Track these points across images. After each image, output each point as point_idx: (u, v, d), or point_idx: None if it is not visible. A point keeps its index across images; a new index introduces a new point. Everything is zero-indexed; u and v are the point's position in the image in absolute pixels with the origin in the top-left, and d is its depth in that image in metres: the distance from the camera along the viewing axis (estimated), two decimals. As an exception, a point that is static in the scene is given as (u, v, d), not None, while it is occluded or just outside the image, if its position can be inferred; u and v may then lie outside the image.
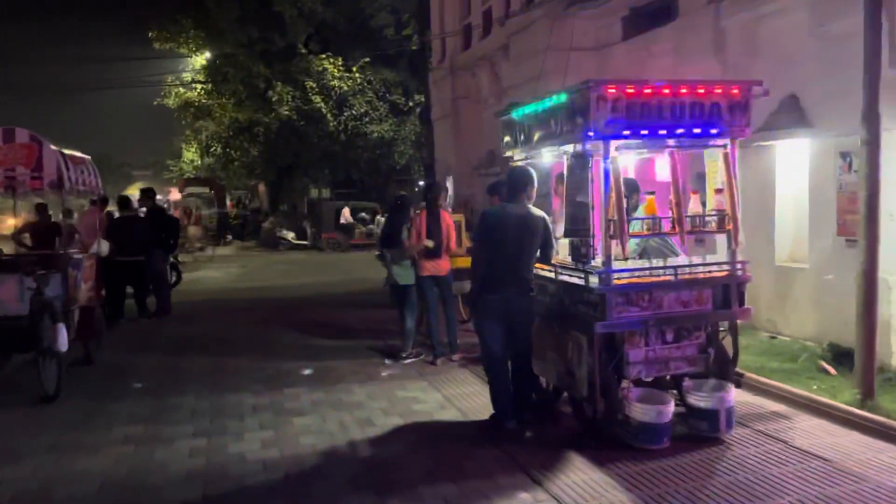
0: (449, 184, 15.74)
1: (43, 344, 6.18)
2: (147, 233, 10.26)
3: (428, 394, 6.31)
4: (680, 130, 4.77)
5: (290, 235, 28.90)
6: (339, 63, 25.44)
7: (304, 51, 24.54)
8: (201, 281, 16.80)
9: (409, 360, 7.46)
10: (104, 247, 8.09)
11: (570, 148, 4.99)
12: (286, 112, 25.56)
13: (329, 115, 25.72)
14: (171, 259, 14.75)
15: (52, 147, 6.80)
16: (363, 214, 28.27)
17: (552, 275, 5.25)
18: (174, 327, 9.89)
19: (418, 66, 19.89)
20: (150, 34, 26.91)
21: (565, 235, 5.08)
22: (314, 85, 25.43)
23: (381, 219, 20.85)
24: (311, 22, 24.82)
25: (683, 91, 4.66)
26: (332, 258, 22.79)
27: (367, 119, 26.60)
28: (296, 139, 27.61)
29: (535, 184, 5.31)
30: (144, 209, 11.09)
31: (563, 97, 4.90)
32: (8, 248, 9.39)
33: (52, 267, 6.80)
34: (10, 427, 5.50)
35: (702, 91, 4.71)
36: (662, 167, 5.70)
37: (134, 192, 39.31)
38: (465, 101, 15.21)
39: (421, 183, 36.31)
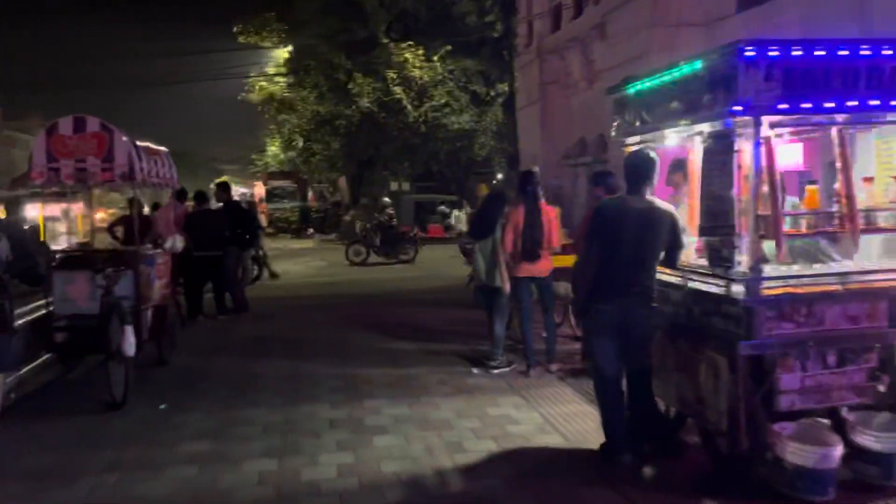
0: (535, 175, 14.89)
1: (111, 346, 5.79)
2: (223, 228, 9.92)
3: (524, 412, 5.55)
4: (852, 103, 3.80)
5: (371, 229, 28.62)
6: (420, 53, 24.89)
7: (385, 40, 24.11)
8: (281, 275, 16.60)
9: (498, 370, 6.72)
10: (179, 242, 7.72)
11: (705, 127, 4.09)
12: (367, 104, 25.25)
13: (409, 107, 25.25)
14: (254, 252, 14.63)
15: (124, 137, 6.42)
16: (443, 207, 27.74)
17: (679, 281, 4.38)
18: (250, 325, 9.51)
19: (501, 53, 19.11)
20: (234, 29, 27.15)
21: (701, 234, 4.19)
22: (395, 76, 25.00)
23: (459, 213, 20.10)
24: (392, 11, 24.36)
25: (865, 51, 3.68)
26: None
27: (447, 110, 25.98)
28: (376, 131, 27.32)
29: (658, 172, 4.46)
30: (221, 203, 10.80)
31: (699, 64, 4.01)
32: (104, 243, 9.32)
33: (124, 264, 6.43)
34: (74, 438, 5.10)
35: (889, 51, 3.72)
36: (789, 152, 4.75)
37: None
38: (552, 86, 14.31)
39: (500, 176, 35.55)
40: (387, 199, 21.73)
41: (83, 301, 6.31)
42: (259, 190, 38.87)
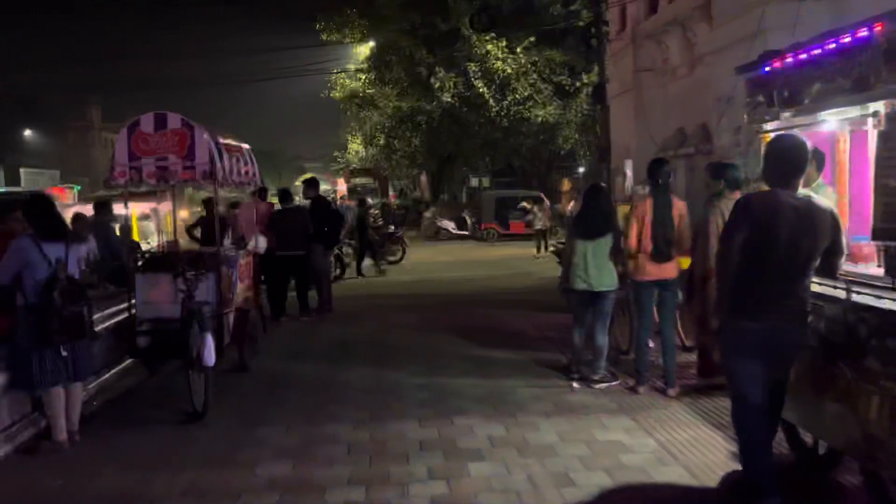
0: (628, 169, 14.03)
1: (191, 354, 5.50)
2: (308, 226, 9.64)
3: (637, 437, 4.89)
4: None
5: (451, 225, 28.31)
6: (503, 44, 24.23)
7: (467, 32, 23.58)
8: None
9: (602, 386, 6.07)
10: (261, 242, 7.44)
11: (880, 107, 3.34)
12: (448, 99, 24.82)
13: (491, 101, 24.64)
14: (336, 251, 14.43)
15: (205, 134, 6.14)
16: (524, 204, 26.99)
17: (837, 293, 3.64)
18: (333, 328, 9.18)
19: (587, 42, 18.21)
20: (317, 26, 27.28)
21: (874, 238, 3.43)
22: (477, 69, 24.45)
23: (536, 210, 19.37)
24: (475, 2, 23.79)
25: None
26: (493, 249, 21.77)
27: (530, 103, 25.21)
28: (457, 127, 26.88)
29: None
30: (308, 201, 10.53)
31: (876, 31, 3.26)
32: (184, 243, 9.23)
33: (205, 266, 6.16)
34: (151, 456, 4.80)
35: None
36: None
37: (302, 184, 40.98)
38: (648, 74, 13.39)
39: (581, 170, 34.44)
40: (370, 200, 21.11)
41: (165, 305, 6.09)
42: (341, 187, 39.30)
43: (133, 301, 6.26)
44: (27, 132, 52.61)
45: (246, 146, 7.23)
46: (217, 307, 6.24)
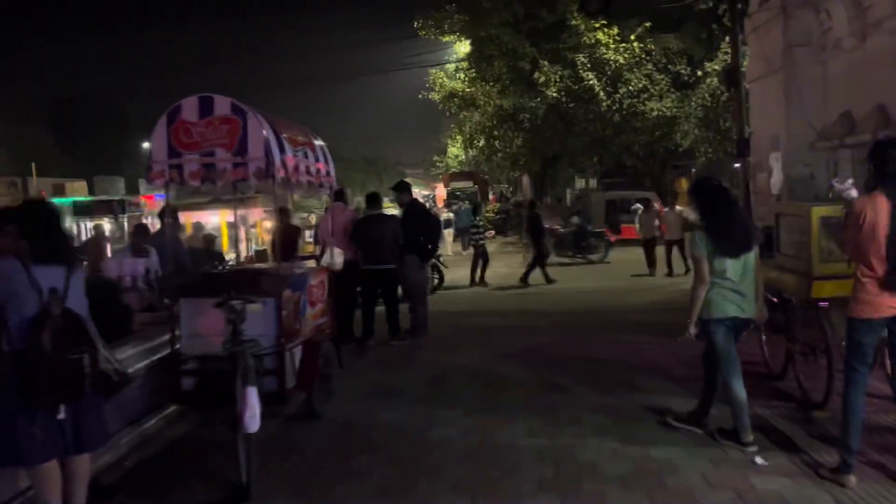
0: (774, 163, 11.81)
1: (234, 410, 4.16)
2: (398, 235, 8.25)
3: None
4: None
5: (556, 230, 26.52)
6: (615, 32, 22.16)
7: (576, 20, 21.71)
8: (461, 284, 14.92)
9: (759, 460, 4.31)
10: (338, 257, 6.07)
11: None
12: (553, 93, 22.99)
13: (602, 94, 22.60)
14: (433, 260, 13.03)
15: (261, 119, 4.81)
16: (638, 205, 24.71)
17: None
18: (429, 355, 7.71)
19: (716, 20, 15.98)
20: (415, 23, 26.21)
21: None
22: (585, 60, 22.49)
23: (642, 212, 16.74)
24: (583, -11, 21.89)
25: None
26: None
27: (644, 95, 22.96)
28: (562, 124, 24.97)
29: None
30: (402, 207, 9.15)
31: None
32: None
33: (260, 290, 4.82)
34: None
35: None
36: None
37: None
38: (802, 49, 11.16)
39: (693, 171, 31.62)
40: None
41: (215, 338, 4.80)
42: (440, 192, 38.23)
43: (177, 333, 5.03)
44: (146, 144, 55.07)
45: (320, 142, 5.87)
46: (277, 342, 4.90)
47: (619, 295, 12.13)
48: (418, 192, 41.50)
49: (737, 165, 32.91)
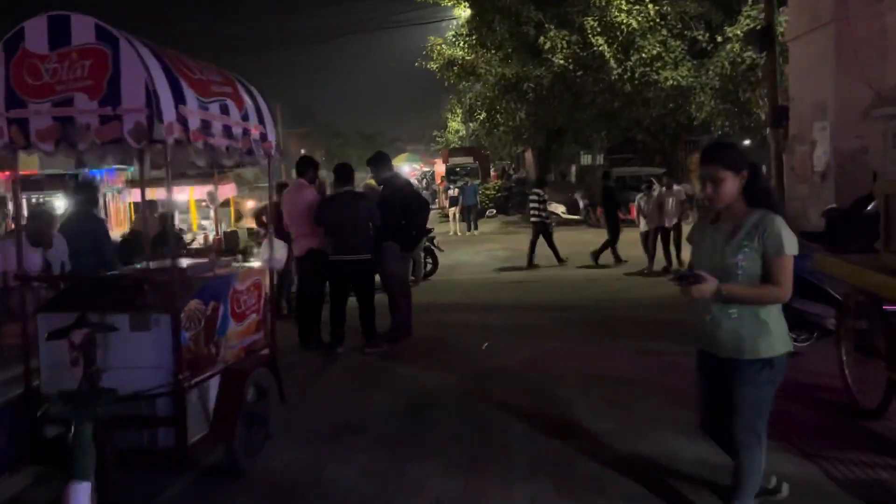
0: (819, 134, 10.19)
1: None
2: (374, 218, 6.71)
3: None
4: None
5: (560, 209, 24.97)
6: (628, -7, 20.39)
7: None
8: (456, 269, 13.39)
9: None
10: (279, 251, 4.50)
11: None
12: (560, 60, 21.24)
13: (612, 61, 20.84)
14: (426, 242, 11.50)
15: (142, 51, 3.24)
16: (652, 182, 23.09)
17: None
18: (408, 370, 6.19)
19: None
20: (410, -14, 24.36)
21: None
22: (595, 24, 20.71)
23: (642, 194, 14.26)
24: (593, -55, 20.12)
25: None
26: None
27: (658, 63, 21.20)
28: (569, 96, 23.21)
29: None
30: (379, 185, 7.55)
31: None
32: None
33: (145, 301, 3.29)
34: None
35: None
36: None
37: (401, 164, 38.46)
38: (858, 1, 9.50)
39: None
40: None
41: (146, 369, 3.35)
42: (439, 168, 36.54)
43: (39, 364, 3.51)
44: None
45: (247, 87, 4.27)
46: (174, 377, 3.38)
47: (634, 283, 10.63)
48: (415, 170, 39.84)
49: (747, 142, 31.25)
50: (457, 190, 22.21)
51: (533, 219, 12.98)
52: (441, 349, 6.82)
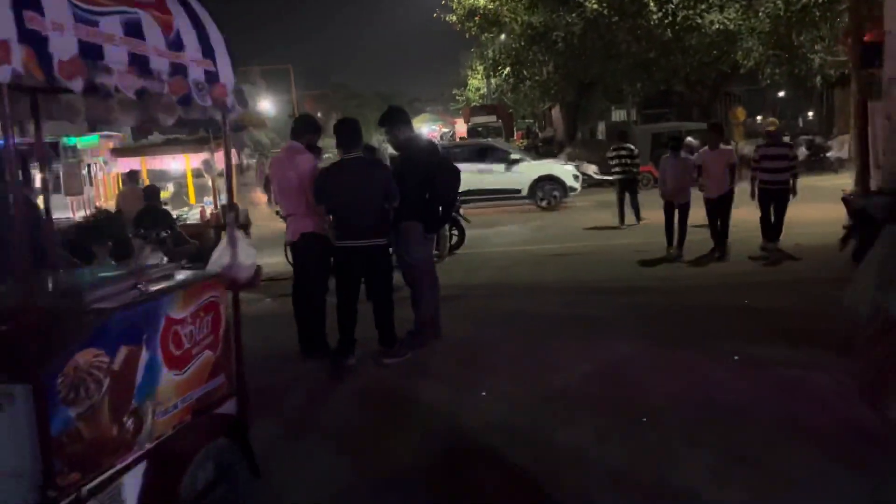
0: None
1: None
2: (391, 193, 5.16)
3: None
4: None
5: (592, 169, 23.05)
6: (670, -74, 18.31)
7: None
8: (486, 240, 11.88)
9: None
10: (245, 255, 2.97)
11: None
12: (594, 5, 19.27)
13: (652, 3, 18.86)
14: (454, 215, 9.97)
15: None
16: (691, 139, 21.07)
17: None
18: (446, 384, 4.72)
19: None
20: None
21: None
22: (633, -39, 18.75)
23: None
24: None
25: None
26: (653, 199, 16.49)
27: (703, 6, 19.18)
28: (601, 45, 21.26)
29: None
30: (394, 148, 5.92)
31: None
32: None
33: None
34: None
35: None
36: None
37: (420, 125, 36.60)
38: None
39: (782, 94, 27.59)
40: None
41: None
42: (460, 128, 34.71)
43: None
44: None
45: (188, 7, 2.71)
46: (43, 485, 1.93)
47: (700, 253, 8.96)
48: (434, 131, 37.94)
49: (778, 96, 28.47)
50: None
51: (620, 176, 12.50)
52: (481, 357, 5.33)
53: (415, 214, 5.37)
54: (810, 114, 34.56)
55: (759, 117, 33.90)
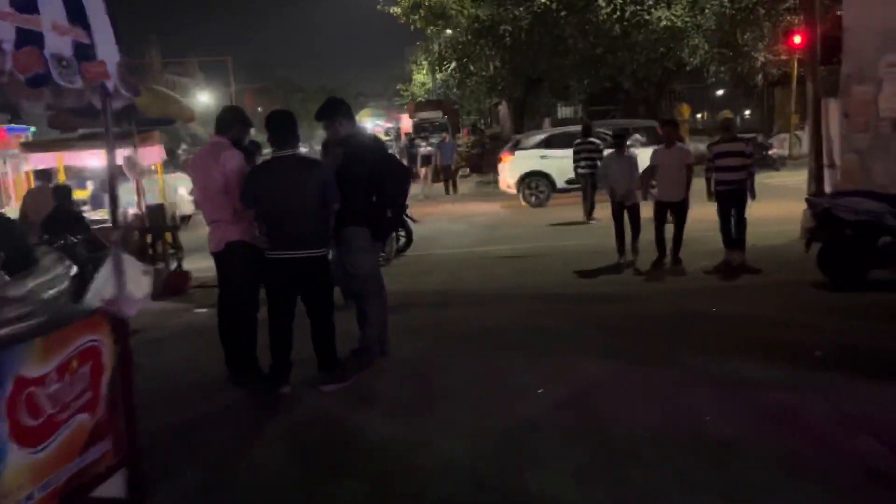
0: (888, 71, 8.17)
1: None
2: (330, 195, 4.51)
3: None
4: None
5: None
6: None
7: None
8: (435, 241, 11.33)
9: None
10: (134, 279, 2.30)
11: None
12: (543, -1, 18.88)
13: (601, -1, 18.60)
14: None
15: None
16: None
17: None
18: (396, 416, 4.11)
19: None
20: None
21: None
22: (582, -45, 18.42)
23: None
24: None
25: None
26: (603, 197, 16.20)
27: (650, 2, 19.02)
28: (550, 40, 20.88)
29: None
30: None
31: None
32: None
33: None
34: None
35: None
36: None
37: (363, 120, 35.63)
38: None
39: (721, 93, 27.70)
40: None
41: None
42: (405, 124, 33.99)
43: None
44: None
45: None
46: None
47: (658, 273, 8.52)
48: (379, 126, 37.04)
49: (718, 94, 28.87)
50: (429, 148, 19.82)
51: (584, 171, 12.36)
52: (435, 380, 4.73)
53: (360, 219, 4.74)
54: (747, 112, 35.16)
55: (698, 115, 34.29)
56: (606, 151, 10.48)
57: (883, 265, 6.85)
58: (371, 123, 35.90)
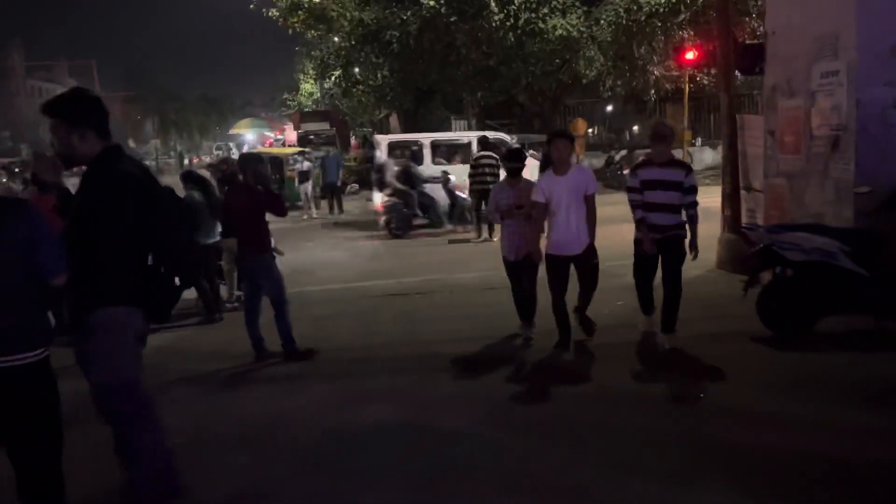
0: (828, 82, 7.06)
1: None
2: (50, 260, 2.63)
3: None
4: None
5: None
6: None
7: None
8: (307, 274, 9.45)
9: None
10: None
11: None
12: (431, 2, 17.39)
13: (493, 4, 17.32)
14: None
15: None
16: (533, 152, 19.83)
17: None
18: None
19: None
20: None
21: None
22: (474, -44, 17.10)
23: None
24: None
25: None
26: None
27: (545, 10, 17.97)
28: (440, 47, 19.43)
29: None
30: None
31: None
32: None
33: None
34: None
35: None
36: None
37: (243, 131, 32.99)
38: None
39: (610, 108, 27.27)
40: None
41: None
42: (290, 135, 31.72)
43: None
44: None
45: None
46: None
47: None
48: (267, 136, 34.52)
49: (605, 107, 28.64)
50: (307, 164, 17.76)
51: (479, 186, 11.34)
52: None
53: (117, 292, 2.86)
54: (636, 127, 35.29)
55: (590, 130, 34.10)
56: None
57: (834, 312, 5.69)
58: (253, 134, 33.36)
